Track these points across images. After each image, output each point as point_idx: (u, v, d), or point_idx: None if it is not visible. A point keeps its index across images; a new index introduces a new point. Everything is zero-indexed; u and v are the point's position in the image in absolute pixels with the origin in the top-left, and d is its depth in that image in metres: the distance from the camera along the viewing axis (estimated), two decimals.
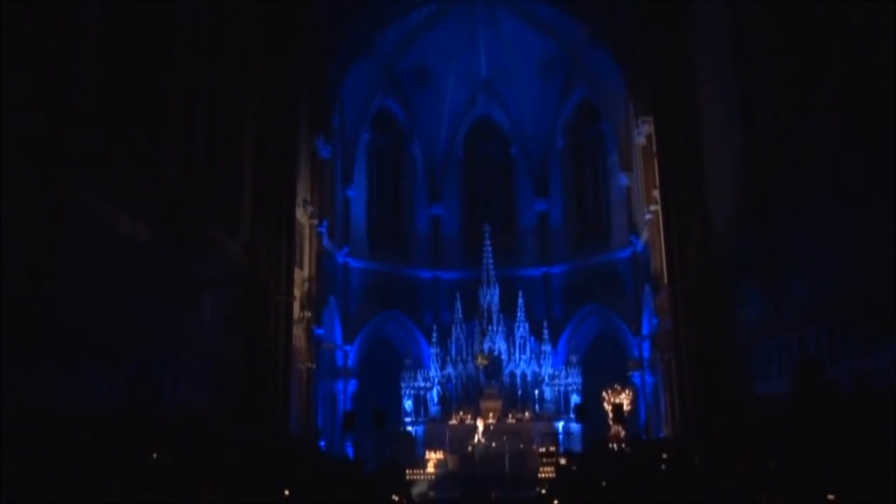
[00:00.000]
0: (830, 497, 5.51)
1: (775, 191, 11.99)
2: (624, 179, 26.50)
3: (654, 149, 19.80)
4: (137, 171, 11.36)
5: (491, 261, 27.20)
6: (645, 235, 23.81)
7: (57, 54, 9.33)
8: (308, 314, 21.49)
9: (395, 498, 14.52)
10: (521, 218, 30.65)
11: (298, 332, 20.58)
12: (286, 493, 8.85)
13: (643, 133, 21.98)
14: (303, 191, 21.46)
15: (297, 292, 19.85)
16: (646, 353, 24.73)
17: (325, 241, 24.16)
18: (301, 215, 21.39)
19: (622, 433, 20.87)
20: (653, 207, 21.53)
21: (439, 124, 30.43)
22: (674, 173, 17.83)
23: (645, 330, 24.90)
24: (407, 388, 25.95)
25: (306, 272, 22.14)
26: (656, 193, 20.31)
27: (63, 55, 9.40)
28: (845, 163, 9.41)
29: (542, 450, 22.54)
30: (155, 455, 7.69)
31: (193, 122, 13.74)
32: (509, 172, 31.14)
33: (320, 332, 22.90)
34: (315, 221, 22.93)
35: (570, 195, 29.89)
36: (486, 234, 27.57)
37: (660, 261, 20.45)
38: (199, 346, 13.35)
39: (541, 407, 25.57)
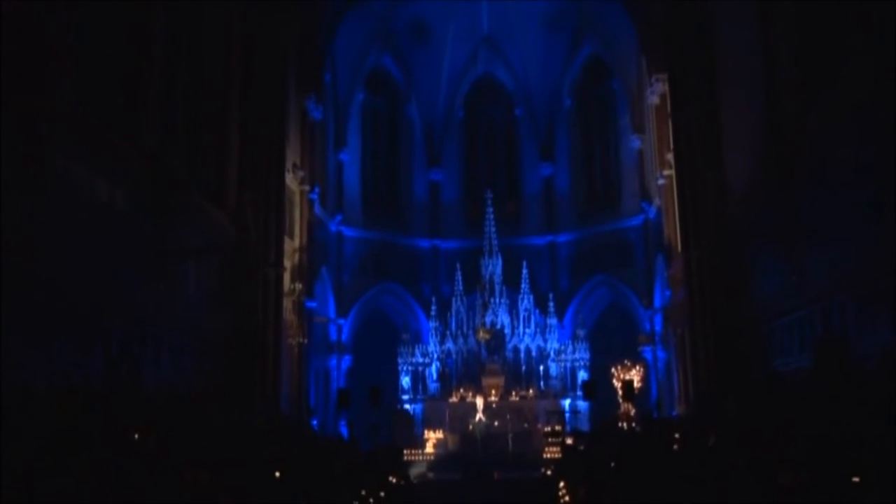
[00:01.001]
0: (855, 479, 5.48)
1: (798, 156, 11.85)
2: (635, 142, 26.36)
3: (668, 109, 19.64)
4: (115, 136, 11.22)
5: (493, 229, 27.19)
6: (657, 202, 23.74)
7: (29, 14, 9.14)
8: (299, 286, 21.52)
9: (392, 480, 14.62)
10: (525, 184, 30.59)
11: (289, 306, 20.60)
12: (277, 474, 8.87)
13: (656, 92, 21.77)
14: (292, 155, 21.32)
15: (287, 263, 19.83)
16: (658, 327, 24.80)
17: (317, 209, 24.09)
18: (291, 181, 21.31)
19: (632, 411, 20.97)
20: (666, 172, 21.44)
21: (438, 83, 30.18)
22: (689, 135, 17.71)
23: (657, 302, 24.94)
24: (404, 364, 26.05)
25: (297, 242, 22.12)
26: (670, 157, 20.20)
27: (36, 15, 9.21)
28: (870, 131, 9.27)
29: (548, 429, 22.68)
30: (137, 436, 7.67)
31: (174, 83, 13.57)
32: (513, 135, 30.96)
33: (312, 305, 22.94)
34: (306, 187, 22.85)
35: (577, 159, 29.77)
36: (488, 201, 27.51)
37: (673, 229, 20.42)
38: (182, 320, 13.34)
39: (546, 384, 25.70)
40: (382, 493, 12.41)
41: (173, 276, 13.37)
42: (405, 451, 21.75)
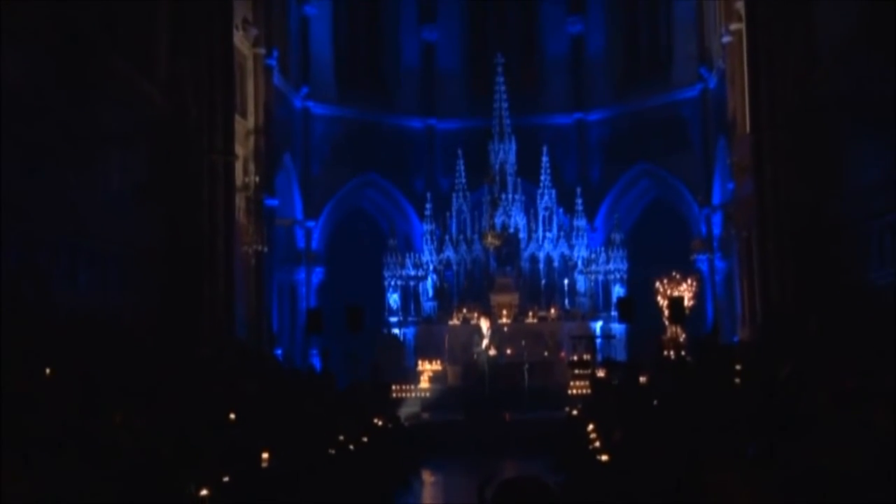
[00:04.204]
0: None
1: None
2: None
3: None
4: None
5: (505, 104, 27.00)
6: (721, 67, 23.46)
7: None
8: (255, 179, 21.49)
9: (378, 422, 14.89)
10: (547, 45, 30.24)
11: (242, 204, 20.64)
12: (231, 416, 8.97)
13: None
14: (242, 7, 20.95)
15: (239, 149, 19.75)
16: (716, 230, 24.87)
17: (277, 79, 23.90)
18: (241, 42, 21.07)
19: (682, 336, 21.19)
20: (734, 26, 21.19)
21: None
22: None
23: (716, 198, 24.95)
24: (392, 277, 26.25)
25: (251, 122, 22.02)
26: (739, 5, 19.93)
27: None
28: None
29: (574, 358, 22.96)
30: (49, 371, 7.70)
31: None
32: None
33: (273, 203, 22.97)
34: (261, 51, 22.62)
35: (616, 11, 29.32)
36: (499, 68, 27.25)
37: (741, 101, 20.27)
38: (104, 224, 13.32)
39: (572, 302, 25.93)
40: (365, 439, 12.63)
41: (91, 166, 13.27)
42: (393, 387, 22.09)
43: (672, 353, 19.03)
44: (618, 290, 25.72)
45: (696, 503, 5.69)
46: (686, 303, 22.61)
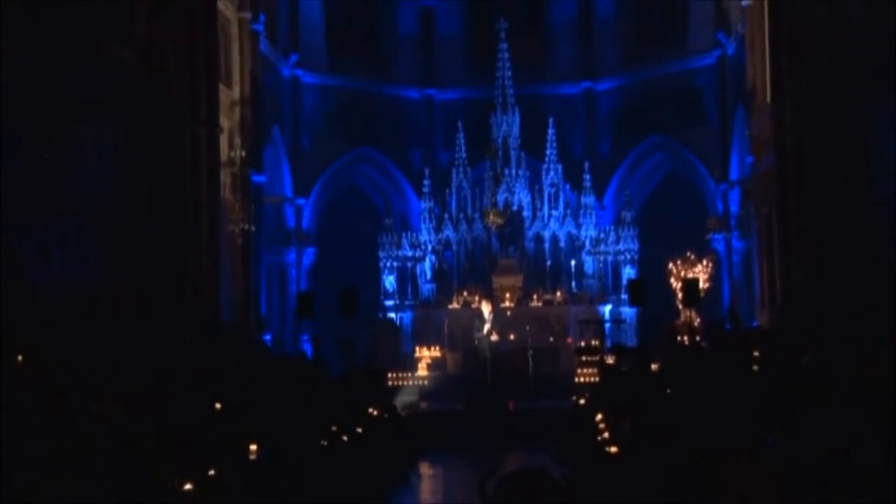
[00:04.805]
0: None
1: None
2: None
3: None
4: None
5: (508, 73, 26.93)
6: (740, 32, 23.44)
7: None
8: (241, 153, 21.45)
9: (373, 412, 14.93)
10: (552, 9, 30.11)
11: (228, 180, 20.63)
12: (217, 406, 9.01)
13: None
14: None
15: (223, 121, 19.75)
16: (734, 207, 24.90)
17: (264, 46, 23.86)
18: (225, 6, 20.96)
19: (696, 321, 21.20)
20: None
21: None
22: None
23: (734, 173, 24.96)
24: (387, 258, 26.26)
25: (236, 91, 21.97)
26: None
27: None
28: None
29: (581, 344, 23.04)
30: (20, 357, 7.72)
31: None
32: None
33: (260, 179, 22.98)
34: (247, 15, 22.53)
35: None
36: (502, 35, 27.18)
37: (761, 70, 20.20)
38: (79, 201, 13.31)
39: (579, 284, 25.96)
40: (360, 430, 12.66)
41: (65, 140, 13.25)
42: (389, 375, 22.13)
43: (686, 338, 19.07)
44: (628, 272, 25.72)
45: (711, 498, 5.73)
46: (701, 285, 22.58)
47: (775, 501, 5.00)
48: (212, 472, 6.83)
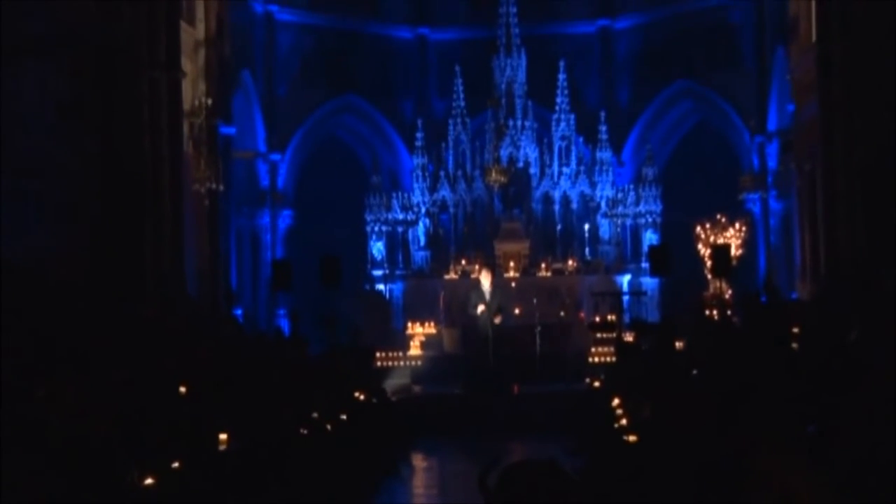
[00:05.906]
0: None
1: None
2: None
3: None
4: None
5: (513, 10, 26.90)
6: None
7: None
8: (207, 101, 21.34)
9: (359, 396, 14.99)
10: None
11: (192, 133, 20.57)
12: (181, 390, 9.01)
13: None
14: None
15: (187, 65, 19.68)
16: (772, 162, 25.02)
17: None
18: None
19: (727, 293, 21.23)
20: None
21: None
22: None
23: (772, 123, 25.07)
24: (375, 222, 26.32)
25: (201, 30, 21.94)
26: None
27: None
28: None
29: (596, 320, 23.10)
30: None
31: None
32: None
33: (229, 131, 23.10)
34: None
35: None
36: None
37: (805, 4, 20.21)
38: (19, 155, 13.18)
39: (593, 252, 26.02)
40: (344, 417, 12.71)
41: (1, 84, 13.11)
42: (378, 355, 22.18)
43: (715, 312, 19.11)
44: (649, 237, 25.78)
45: (742, 492, 5.72)
46: (733, 252, 22.68)
47: (818, 498, 4.98)
48: (175, 465, 6.83)
